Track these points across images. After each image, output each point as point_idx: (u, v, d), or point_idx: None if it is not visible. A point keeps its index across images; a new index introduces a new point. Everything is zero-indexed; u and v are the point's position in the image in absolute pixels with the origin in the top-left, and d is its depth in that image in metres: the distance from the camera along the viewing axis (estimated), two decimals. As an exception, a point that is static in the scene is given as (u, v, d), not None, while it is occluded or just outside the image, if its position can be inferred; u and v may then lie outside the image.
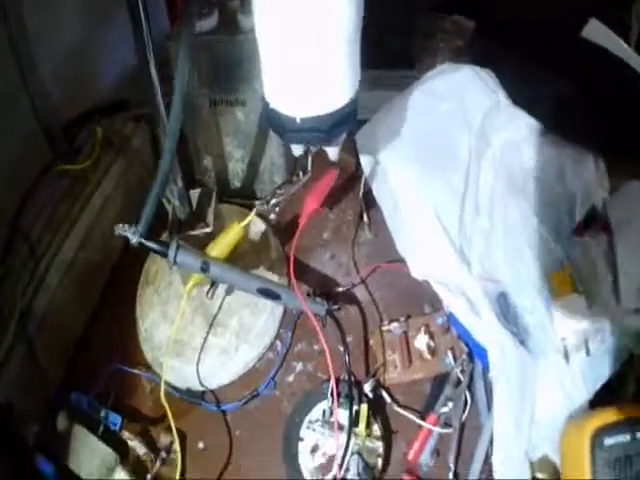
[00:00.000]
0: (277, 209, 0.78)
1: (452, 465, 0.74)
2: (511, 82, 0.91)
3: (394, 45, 1.12)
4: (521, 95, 0.90)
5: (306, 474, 0.73)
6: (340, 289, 0.89)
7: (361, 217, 0.95)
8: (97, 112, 1.04)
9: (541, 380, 0.74)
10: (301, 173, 0.76)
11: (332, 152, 0.72)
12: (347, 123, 0.65)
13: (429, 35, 1.14)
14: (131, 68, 0.88)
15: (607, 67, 0.97)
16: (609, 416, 0.67)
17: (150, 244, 0.69)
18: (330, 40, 0.58)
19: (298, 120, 0.63)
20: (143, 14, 0.68)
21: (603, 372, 0.73)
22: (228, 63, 0.86)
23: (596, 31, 1.00)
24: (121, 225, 0.68)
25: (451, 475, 0.74)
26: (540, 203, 0.83)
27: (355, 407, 0.75)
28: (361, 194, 0.92)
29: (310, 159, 0.75)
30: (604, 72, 0.98)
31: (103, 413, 0.80)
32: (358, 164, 0.89)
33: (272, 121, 0.66)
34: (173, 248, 0.69)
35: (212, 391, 0.83)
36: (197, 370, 0.82)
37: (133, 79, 0.82)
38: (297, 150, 0.72)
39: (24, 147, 0.93)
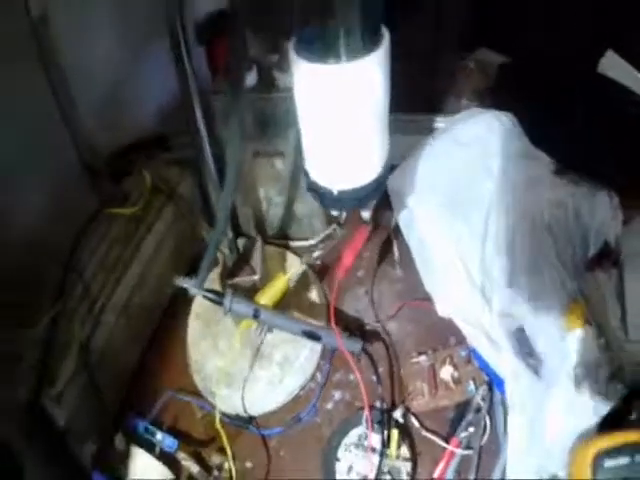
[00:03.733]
0: (318, 261, 0.97)
1: (473, 484, 0.86)
2: (532, 120, 1.02)
3: (418, 88, 1.22)
4: (541, 132, 1.02)
5: (343, 490, 0.87)
6: (373, 324, 1.05)
7: (393, 256, 1.10)
8: (136, 147, 1.15)
9: (553, 405, 0.85)
10: (338, 229, 0.91)
11: (365, 213, 0.88)
12: (378, 191, 0.80)
13: (452, 76, 1.26)
14: (169, 101, 0.97)
15: (625, 99, 1.08)
16: (611, 440, 0.77)
17: (208, 295, 0.86)
18: (363, 123, 0.72)
19: (335, 192, 0.77)
20: (189, 68, 0.82)
21: (610, 400, 0.83)
22: (268, 118, 0.99)
23: (613, 64, 1.11)
24: (180, 277, 0.85)
25: (471, 493, 0.86)
26: (557, 240, 0.95)
27: (386, 432, 0.90)
28: (393, 235, 1.08)
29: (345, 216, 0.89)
30: (622, 104, 1.09)
31: (160, 436, 0.95)
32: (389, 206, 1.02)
33: (312, 189, 0.81)
34: (228, 298, 0.86)
35: (258, 417, 0.99)
36: (243, 399, 0.98)
37: (171, 113, 0.96)
38: (334, 211, 0.87)
39: (69, 187, 1.04)
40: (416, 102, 1.18)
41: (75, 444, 0.91)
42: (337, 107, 0.69)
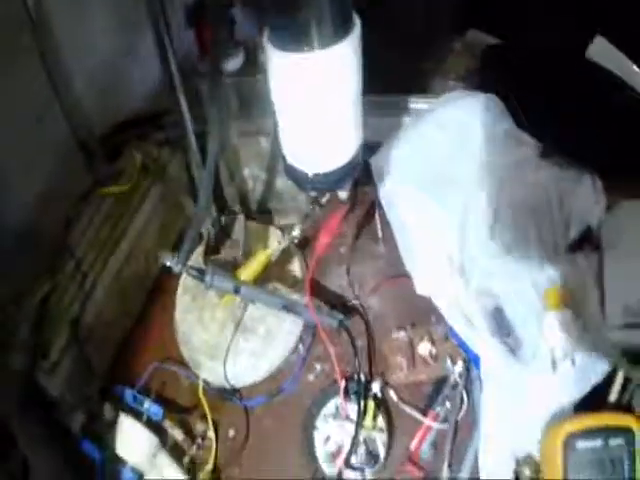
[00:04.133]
0: (296, 240, 0.93)
1: (447, 457, 0.86)
2: (517, 102, 0.97)
3: (406, 69, 1.19)
4: (527, 115, 0.97)
5: (320, 458, 0.88)
6: (354, 300, 1.02)
7: (376, 233, 1.06)
8: (130, 126, 1.11)
9: (529, 386, 0.82)
10: (317, 208, 0.88)
11: (342, 194, 0.87)
12: (352, 174, 0.79)
13: (440, 57, 1.22)
14: (162, 81, 0.90)
15: (613, 85, 1.01)
16: (584, 422, 0.75)
17: (191, 272, 0.84)
18: (336, 109, 0.71)
19: (310, 175, 0.76)
20: (171, 52, 0.79)
21: (587, 382, 0.80)
22: (253, 98, 0.96)
23: (601, 50, 1.04)
24: (164, 255, 0.83)
25: (446, 465, 0.86)
26: (539, 223, 0.90)
27: (363, 402, 0.88)
28: (377, 213, 1.04)
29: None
30: (609, 90, 1.03)
31: (146, 405, 0.94)
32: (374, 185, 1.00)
33: (289, 173, 0.80)
34: (209, 275, 0.85)
35: (242, 388, 0.97)
36: (225, 371, 0.95)
37: (164, 93, 0.90)
38: (312, 192, 0.85)
39: (63, 166, 1.00)
40: (403, 83, 1.14)
41: (66, 414, 0.90)
42: (310, 94, 0.69)
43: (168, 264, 0.82)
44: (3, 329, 0.87)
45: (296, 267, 1.05)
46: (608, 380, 0.80)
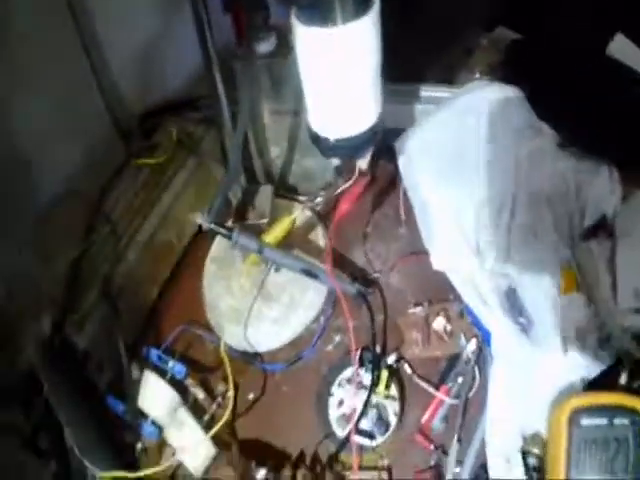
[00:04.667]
0: (319, 207, 0.99)
1: (457, 431, 0.87)
2: (539, 95, 0.97)
3: (435, 60, 1.22)
4: (546, 107, 0.97)
5: (333, 421, 0.91)
6: (375, 275, 1.04)
7: (399, 213, 1.07)
8: (167, 108, 1.14)
9: (539, 365, 0.83)
10: (340, 178, 0.91)
11: (362, 163, 0.88)
12: (372, 141, 0.83)
13: (468, 51, 1.24)
14: (199, 64, 0.94)
15: (631, 80, 1.02)
16: (590, 399, 0.75)
17: (219, 229, 0.88)
18: (357, 79, 0.75)
19: (332, 140, 0.81)
20: (209, 34, 0.85)
21: (597, 365, 0.80)
22: (285, 80, 0.99)
23: (622, 47, 1.04)
24: (196, 213, 0.87)
25: (455, 439, 0.86)
26: (556, 210, 0.91)
27: (377, 371, 0.90)
28: (400, 194, 1.05)
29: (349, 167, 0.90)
30: (627, 84, 1.03)
31: (171, 364, 0.97)
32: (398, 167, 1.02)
33: (314, 140, 0.84)
34: (236, 233, 0.89)
35: (264, 353, 1.00)
36: (246, 335, 0.98)
37: (201, 75, 0.95)
38: (335, 161, 0.89)
39: (101, 138, 1.05)
40: (429, 73, 1.18)
41: (93, 371, 0.93)
42: (333, 65, 0.73)
43: (199, 221, 0.86)
44: (37, 285, 0.91)
45: (319, 238, 1.08)
46: (618, 364, 0.80)
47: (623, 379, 0.80)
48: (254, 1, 0.93)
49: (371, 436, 0.88)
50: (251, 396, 0.96)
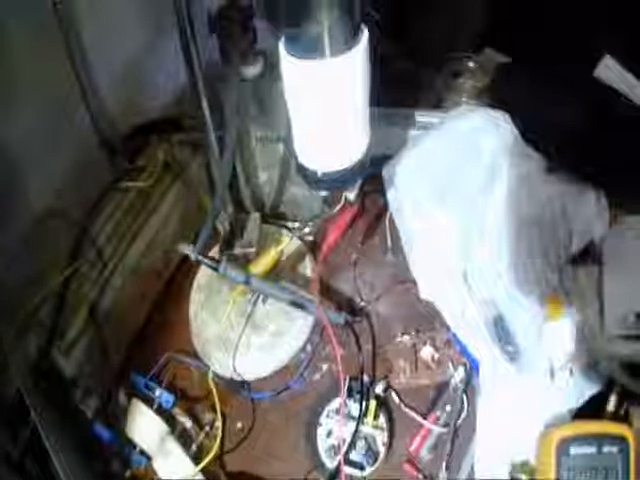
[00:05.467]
0: (309, 237, 1.01)
1: (445, 459, 0.88)
2: (526, 119, 0.98)
3: (421, 84, 1.23)
4: (533, 131, 0.98)
5: (322, 452, 0.91)
6: (362, 304, 1.05)
7: (386, 242, 1.09)
8: (152, 128, 1.14)
9: (527, 393, 0.84)
10: (327, 209, 0.93)
11: (350, 195, 0.90)
12: (359, 174, 0.83)
13: (456, 75, 1.26)
14: (185, 83, 0.93)
15: (619, 104, 1.03)
16: (578, 428, 0.77)
17: (206, 261, 0.88)
18: (345, 112, 0.75)
19: (319, 174, 0.81)
20: (195, 55, 0.83)
21: (584, 392, 0.82)
22: (272, 105, 0.99)
23: (610, 70, 1.06)
24: (183, 244, 0.87)
25: (444, 468, 0.87)
26: (543, 235, 0.92)
27: (365, 402, 0.91)
28: (387, 222, 1.07)
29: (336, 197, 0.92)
30: (616, 108, 1.05)
31: (158, 393, 0.98)
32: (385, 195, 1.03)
33: (300, 172, 0.85)
34: (223, 264, 0.88)
35: (251, 382, 0.99)
36: (233, 364, 0.98)
37: (187, 94, 0.93)
38: (322, 192, 0.90)
39: (86, 158, 1.04)
40: (417, 98, 1.19)
41: (80, 397, 0.92)
42: (321, 98, 0.73)
43: (186, 252, 0.86)
44: (23, 309, 0.90)
45: (307, 269, 1.08)
46: (606, 391, 0.82)
47: (611, 406, 0.82)
48: (241, 23, 0.92)
49: (361, 467, 0.88)
50: (239, 425, 0.96)
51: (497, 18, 1.24)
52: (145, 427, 0.94)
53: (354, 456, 0.88)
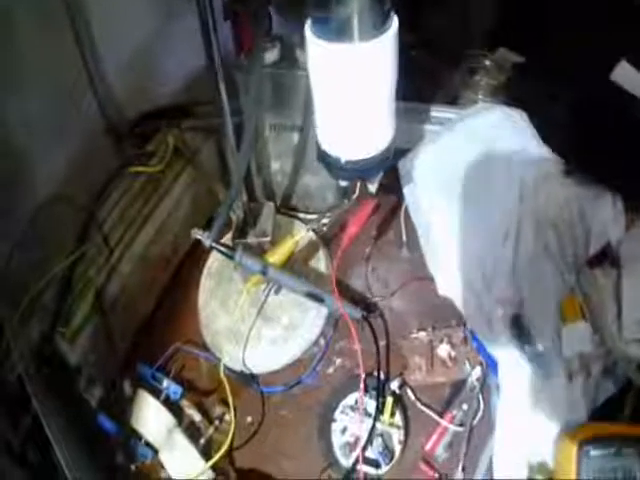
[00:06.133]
0: (324, 228, 0.98)
1: (461, 459, 0.88)
2: (543, 119, 0.99)
3: (439, 81, 1.23)
4: (550, 131, 0.99)
5: (336, 449, 0.90)
6: (377, 299, 1.04)
7: (401, 237, 1.08)
8: (162, 114, 1.13)
9: (545, 394, 0.84)
10: (346, 200, 0.90)
11: (371, 186, 0.88)
12: (382, 165, 0.82)
13: (472, 72, 1.25)
14: (195, 70, 0.96)
15: (636, 107, 1.05)
16: (598, 430, 0.77)
17: (221, 248, 0.86)
18: (372, 99, 0.74)
19: (343, 161, 0.79)
20: (215, 43, 0.81)
21: (602, 393, 0.83)
22: (288, 93, 0.98)
23: (626, 74, 1.07)
24: (197, 230, 0.85)
25: (460, 468, 0.87)
26: (561, 237, 0.92)
27: (381, 399, 0.90)
28: (402, 216, 1.07)
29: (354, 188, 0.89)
30: (632, 111, 1.06)
31: (165, 384, 0.96)
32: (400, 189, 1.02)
33: (322, 159, 0.82)
34: (239, 252, 0.87)
35: (262, 376, 0.98)
36: (244, 357, 0.97)
37: (198, 81, 0.95)
38: (343, 182, 0.87)
39: (92, 144, 1.04)
40: (434, 94, 1.17)
41: (84, 386, 0.91)
42: (349, 83, 0.71)
43: (199, 237, 0.84)
44: (27, 294, 0.89)
45: (321, 263, 1.07)
46: (623, 393, 0.82)
47: (628, 408, 0.82)
48: (258, 9, 0.91)
49: (377, 465, 0.87)
50: (249, 419, 0.95)
51: (511, 17, 1.26)
52: (152, 419, 0.93)
53: (370, 454, 0.88)
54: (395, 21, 0.69)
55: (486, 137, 0.98)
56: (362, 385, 0.90)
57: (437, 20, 1.28)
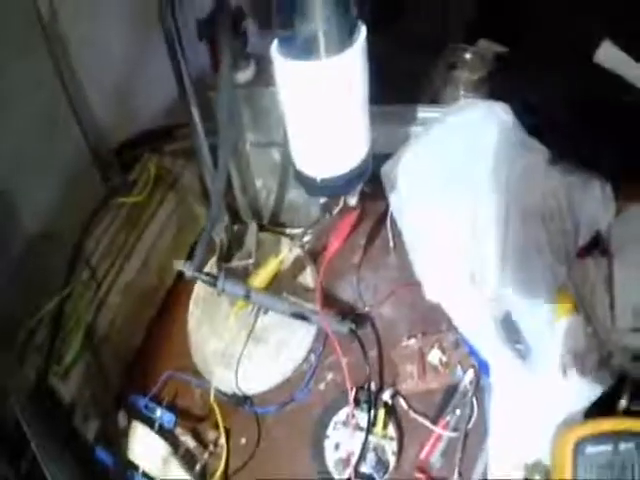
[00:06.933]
0: (307, 245, 1.01)
1: (457, 465, 0.87)
2: (527, 109, 0.99)
3: (417, 79, 1.24)
4: (535, 121, 0.99)
5: (330, 465, 0.90)
6: (366, 308, 1.04)
7: (388, 243, 1.09)
8: (144, 139, 1.16)
9: (539, 392, 0.84)
10: (327, 215, 0.91)
11: (351, 200, 0.89)
12: (360, 178, 0.82)
13: (452, 67, 1.26)
14: (175, 92, 0.92)
15: (621, 89, 1.04)
16: (594, 427, 0.76)
17: (203, 277, 0.88)
18: (343, 115, 0.74)
19: (318, 180, 0.79)
20: (183, 64, 0.83)
21: (597, 388, 0.81)
22: (265, 110, 0.99)
23: (609, 54, 1.06)
24: (178, 261, 0.87)
25: (456, 473, 0.87)
26: (549, 229, 0.92)
27: (373, 411, 0.90)
28: (388, 223, 1.07)
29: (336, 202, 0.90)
30: (618, 95, 1.05)
31: (159, 413, 0.97)
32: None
33: (298, 178, 0.83)
34: (221, 280, 0.88)
35: (254, 396, 0.99)
36: (236, 378, 0.98)
37: (178, 103, 0.93)
38: (322, 198, 0.89)
39: (78, 175, 1.06)
40: (414, 92, 1.20)
41: (79, 421, 0.93)
42: (318, 100, 0.72)
43: (181, 269, 0.85)
44: (20, 333, 0.92)
45: (308, 279, 1.07)
46: (618, 385, 0.81)
47: (624, 401, 0.81)
48: (232, 28, 0.90)
49: (371, 479, 0.87)
50: (243, 441, 0.95)
51: (490, 7, 1.26)
52: (147, 449, 0.94)
53: (364, 468, 0.88)
54: (363, 31, 0.69)
55: (469, 134, 0.97)
56: (351, 399, 0.90)
57: (415, 15, 1.29)
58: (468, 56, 1.24)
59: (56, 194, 1.02)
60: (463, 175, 0.96)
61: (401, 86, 1.14)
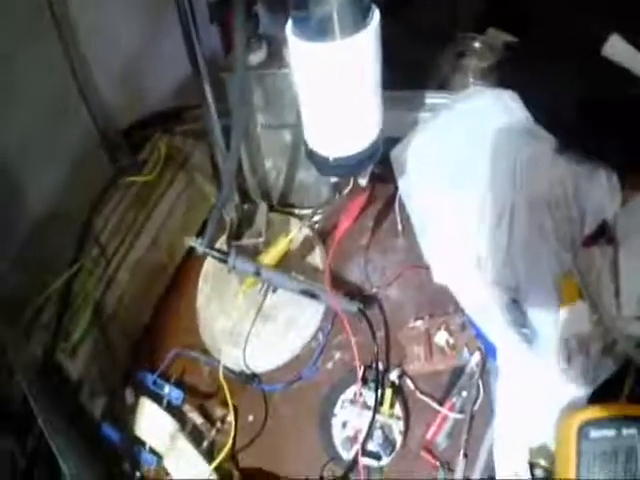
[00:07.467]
0: (317, 225, 1.01)
1: (463, 446, 0.89)
2: (535, 98, 1.00)
3: (428, 66, 1.24)
4: (545, 111, 1.00)
5: (337, 443, 0.92)
6: (374, 290, 1.05)
7: (397, 226, 1.10)
8: (154, 121, 1.17)
9: (544, 377, 0.85)
10: (337, 195, 0.92)
11: (362, 180, 0.90)
12: (371, 159, 0.83)
13: (461, 55, 1.27)
14: (185, 74, 0.94)
15: (629, 81, 1.05)
16: (598, 412, 0.77)
17: (214, 253, 0.88)
18: (356, 95, 0.75)
19: (331, 159, 0.81)
20: (197, 45, 0.85)
21: (601, 373, 0.83)
22: (276, 91, 1.00)
23: (617, 48, 1.08)
24: (189, 237, 0.88)
25: (462, 454, 0.88)
26: (555, 217, 0.93)
27: (380, 390, 0.91)
28: (397, 205, 1.07)
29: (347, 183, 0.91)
30: (625, 86, 1.06)
31: (167, 389, 0.99)
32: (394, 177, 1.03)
33: (311, 158, 0.84)
34: (232, 256, 0.89)
35: (262, 374, 1.01)
36: (244, 356, 1.00)
37: (188, 85, 0.95)
38: (333, 178, 0.90)
39: (87, 157, 1.07)
40: (423, 79, 1.19)
41: (86, 398, 0.94)
42: (332, 81, 0.73)
43: (193, 244, 0.86)
44: (27, 310, 0.93)
45: (317, 259, 1.08)
46: (622, 372, 0.83)
47: (627, 388, 0.82)
48: (243, 9, 0.90)
49: (378, 457, 0.89)
50: (251, 418, 0.97)
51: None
52: (155, 425, 0.95)
53: (371, 446, 0.89)
54: (376, 14, 0.70)
55: (477, 121, 0.98)
56: (359, 378, 0.91)
57: (425, 3, 1.29)
58: (477, 45, 1.25)
59: (64, 175, 1.03)
60: (471, 161, 0.97)
61: (411, 73, 1.14)
